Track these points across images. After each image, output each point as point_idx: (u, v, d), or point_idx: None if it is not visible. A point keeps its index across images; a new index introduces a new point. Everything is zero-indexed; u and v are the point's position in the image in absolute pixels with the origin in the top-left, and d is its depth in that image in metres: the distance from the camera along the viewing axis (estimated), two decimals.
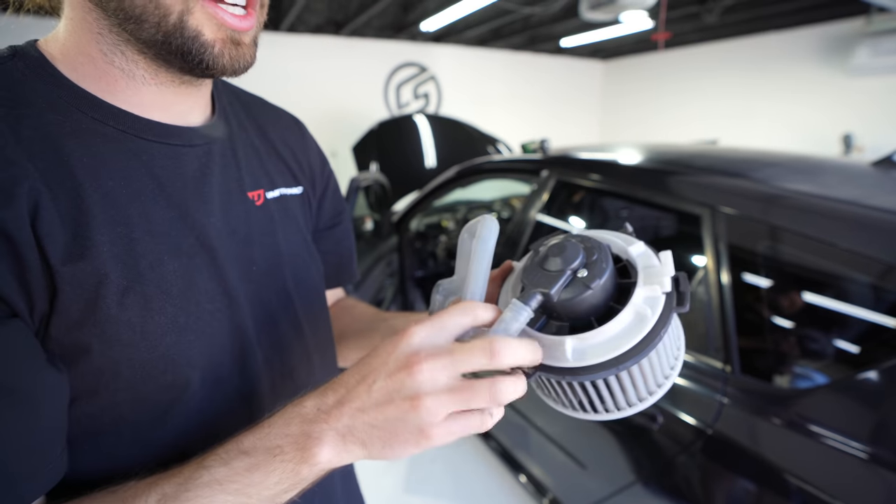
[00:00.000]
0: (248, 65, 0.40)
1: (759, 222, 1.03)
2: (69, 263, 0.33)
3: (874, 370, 0.84)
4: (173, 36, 0.35)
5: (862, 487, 0.81)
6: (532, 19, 4.94)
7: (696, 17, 4.44)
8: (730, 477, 0.99)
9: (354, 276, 0.68)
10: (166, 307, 0.38)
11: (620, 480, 1.22)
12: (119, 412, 0.37)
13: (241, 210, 0.46)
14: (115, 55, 0.37)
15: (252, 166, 0.49)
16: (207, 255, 0.41)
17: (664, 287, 0.33)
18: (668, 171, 1.32)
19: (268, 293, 0.47)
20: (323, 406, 0.33)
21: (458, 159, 2.66)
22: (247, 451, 0.33)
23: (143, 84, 0.39)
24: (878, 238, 0.90)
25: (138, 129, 0.39)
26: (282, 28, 4.74)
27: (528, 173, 1.80)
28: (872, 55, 4.10)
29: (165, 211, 0.39)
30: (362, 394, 0.32)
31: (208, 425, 0.41)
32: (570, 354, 0.33)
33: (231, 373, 0.42)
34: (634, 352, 0.32)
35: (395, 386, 0.31)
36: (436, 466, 2.05)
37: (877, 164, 1.31)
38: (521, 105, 6.74)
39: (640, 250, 0.36)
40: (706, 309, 1.08)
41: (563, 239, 0.36)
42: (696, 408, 1.04)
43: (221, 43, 0.37)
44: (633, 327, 0.32)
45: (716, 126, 5.64)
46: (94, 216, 0.35)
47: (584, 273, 0.34)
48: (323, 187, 0.60)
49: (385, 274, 2.39)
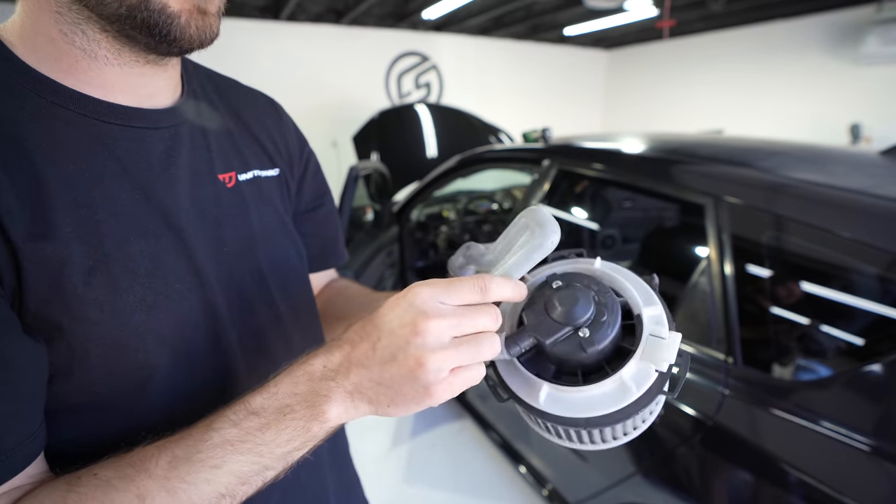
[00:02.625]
0: (213, 36, 0.39)
1: (764, 212, 1.01)
2: (30, 242, 0.33)
3: (878, 362, 0.83)
4: (137, 9, 0.34)
5: (863, 479, 0.80)
6: (535, 7, 4.88)
7: (702, 5, 4.37)
8: (730, 468, 0.98)
9: (342, 256, 0.68)
10: (134, 286, 0.38)
11: (620, 472, 1.21)
12: (95, 389, 0.37)
13: (211, 192, 0.46)
14: (76, 34, 0.36)
15: (223, 149, 0.49)
16: (175, 235, 0.41)
17: (660, 367, 0.32)
18: (671, 161, 1.30)
19: (240, 273, 0.47)
20: (329, 364, 0.34)
21: (459, 149, 2.63)
22: (256, 411, 0.33)
23: (105, 65, 0.38)
24: (884, 228, 0.88)
25: (100, 113, 0.39)
26: (282, 17, 4.69)
27: (529, 162, 1.78)
28: (882, 43, 4.03)
29: (130, 193, 0.39)
30: (367, 351, 0.33)
31: (183, 400, 0.41)
32: (542, 400, 0.32)
33: (204, 350, 0.43)
34: (606, 420, 0.31)
35: (399, 344, 0.32)
36: (436, 455, 2.06)
37: (885, 153, 1.28)
38: (524, 95, 6.68)
39: (653, 314, 0.34)
40: (708, 300, 1.07)
41: (581, 286, 0.34)
42: (698, 399, 1.03)
43: (188, 13, 0.36)
44: (613, 396, 0.31)
45: (721, 116, 5.58)
46: (55, 198, 0.35)
47: (585, 333, 0.32)
48: (302, 169, 0.60)
49: (385, 264, 2.38)
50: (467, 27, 5.64)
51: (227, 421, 0.34)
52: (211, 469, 0.32)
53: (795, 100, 4.97)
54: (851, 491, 0.79)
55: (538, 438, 1.58)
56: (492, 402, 1.86)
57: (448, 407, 2.37)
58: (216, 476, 0.33)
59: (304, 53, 5.10)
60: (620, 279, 0.36)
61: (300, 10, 4.73)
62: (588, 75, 7.24)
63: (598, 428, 0.32)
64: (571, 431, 0.34)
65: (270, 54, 4.84)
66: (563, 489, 1.51)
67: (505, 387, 0.34)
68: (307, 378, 0.34)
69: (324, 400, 0.33)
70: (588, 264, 0.38)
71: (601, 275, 0.37)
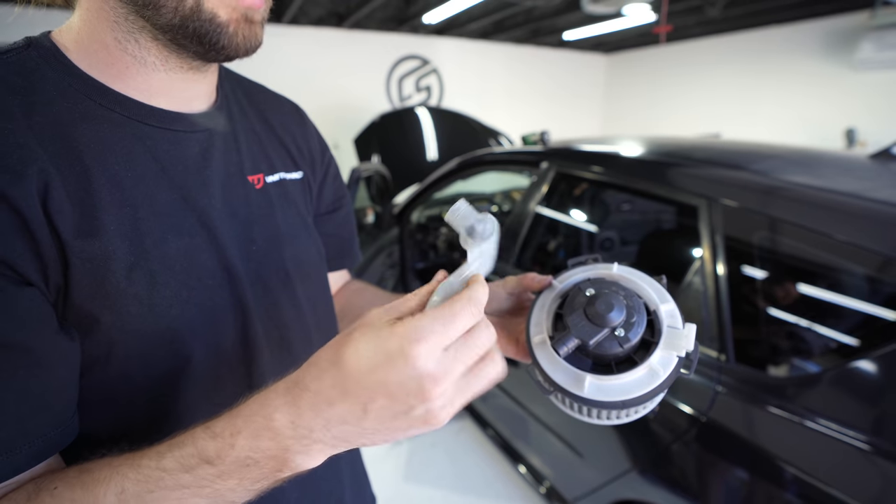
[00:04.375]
0: (258, 44, 0.42)
1: (756, 213, 1.04)
2: (79, 239, 0.36)
3: (866, 359, 0.85)
4: (190, 19, 0.37)
5: (851, 473, 0.82)
6: (534, 12, 4.92)
7: (699, 11, 4.42)
8: (722, 463, 1.01)
9: (357, 258, 0.71)
10: (171, 282, 0.40)
11: (616, 469, 1.24)
12: (131, 380, 0.39)
13: (241, 193, 0.48)
14: (129, 42, 0.39)
15: (252, 151, 0.51)
16: (208, 234, 0.44)
17: (680, 353, 0.38)
18: (666, 163, 1.33)
19: (267, 271, 0.49)
20: (300, 422, 0.29)
21: (459, 152, 2.66)
22: (210, 460, 0.30)
23: (153, 70, 0.41)
24: (873, 229, 0.91)
25: (143, 116, 0.41)
26: (284, 20, 4.73)
27: (528, 165, 1.81)
28: (877, 49, 4.08)
29: (168, 193, 0.42)
30: (355, 411, 0.28)
31: (213, 392, 0.44)
32: (587, 389, 0.37)
33: (233, 343, 0.45)
34: (640, 399, 0.37)
35: (403, 409, 0.28)
36: (436, 454, 2.08)
37: (875, 156, 1.31)
38: (524, 98, 6.73)
39: (669, 309, 0.40)
40: (702, 299, 1.09)
41: (611, 291, 0.39)
42: (691, 396, 1.06)
43: (236, 23, 0.39)
44: (644, 380, 0.37)
45: (718, 120, 5.63)
46: (102, 198, 0.37)
47: (621, 332, 0.38)
48: (323, 173, 0.62)
49: (386, 265, 2.41)
50: (468, 31, 5.69)
51: (177, 464, 0.31)
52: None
53: (791, 104, 5.02)
54: (840, 484, 0.82)
55: (536, 436, 1.61)
56: (491, 402, 1.88)
57: None
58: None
59: (306, 57, 5.14)
60: (638, 281, 0.42)
61: (302, 14, 4.77)
62: (588, 79, 7.29)
63: (630, 408, 0.38)
64: (610, 413, 0.39)
65: (272, 58, 4.87)
66: (560, 486, 1.53)
67: (551, 381, 0.39)
68: (272, 435, 0.30)
69: (296, 454, 0.30)
70: (607, 269, 0.44)
71: (620, 279, 0.43)
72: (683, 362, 0.38)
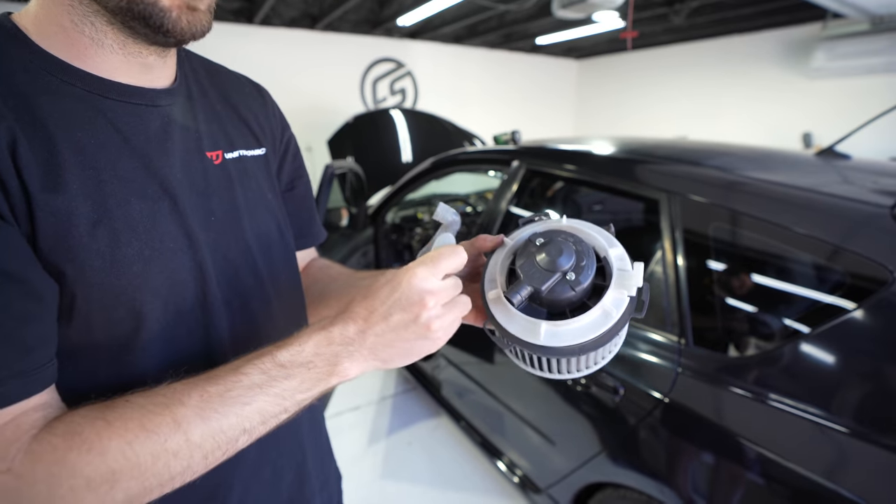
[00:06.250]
0: (205, 30, 0.44)
1: (713, 206, 1.11)
2: (44, 193, 0.38)
3: (809, 339, 0.92)
4: (135, 2, 0.39)
5: (800, 443, 0.88)
6: (507, 17, 5.01)
7: (665, 19, 4.58)
8: (684, 441, 1.06)
9: (319, 236, 0.73)
10: (133, 241, 0.42)
11: (585, 454, 1.28)
12: (92, 335, 0.41)
13: (199, 168, 0.50)
14: (86, 25, 0.41)
15: (212, 129, 0.53)
16: (170, 200, 0.46)
17: (630, 292, 0.39)
18: (630, 160, 1.39)
19: (226, 241, 0.51)
20: (346, 332, 0.41)
21: (434, 154, 2.69)
22: (283, 364, 0.40)
23: (111, 52, 0.42)
24: (814, 218, 0.97)
25: (104, 90, 0.43)
26: (255, 21, 4.69)
27: (499, 164, 1.85)
28: (829, 59, 4.31)
29: (130, 161, 0.44)
30: (380, 323, 0.40)
31: (171, 352, 0.46)
32: (542, 336, 0.39)
33: (192, 305, 0.47)
34: (594, 342, 0.38)
35: (411, 317, 0.40)
36: (413, 451, 2.09)
37: (820, 153, 1.40)
38: (498, 102, 6.82)
39: (618, 253, 0.42)
40: (663, 286, 1.15)
41: (561, 239, 0.41)
42: (654, 378, 1.11)
43: (178, 9, 0.41)
44: (598, 322, 0.39)
45: (685, 123, 5.83)
46: (66, 159, 0.39)
47: (572, 276, 0.39)
48: (283, 150, 0.64)
49: (361, 265, 2.41)
50: (441, 35, 5.74)
51: (255, 368, 0.39)
52: (242, 405, 0.38)
53: (753, 109, 5.25)
54: (793, 456, 0.87)
55: (511, 429, 1.64)
56: (466, 399, 1.91)
57: (424, 405, 2.41)
58: (245, 412, 0.38)
59: (278, 58, 5.09)
60: (586, 229, 0.44)
61: (274, 15, 4.73)
62: (560, 83, 7.45)
63: (587, 353, 0.39)
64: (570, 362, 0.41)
65: (244, 58, 4.80)
66: (533, 475, 1.57)
67: (507, 333, 0.40)
68: (328, 342, 0.41)
69: (345, 359, 0.41)
70: (557, 223, 0.46)
71: (571, 228, 0.44)
72: (635, 304, 0.39)
